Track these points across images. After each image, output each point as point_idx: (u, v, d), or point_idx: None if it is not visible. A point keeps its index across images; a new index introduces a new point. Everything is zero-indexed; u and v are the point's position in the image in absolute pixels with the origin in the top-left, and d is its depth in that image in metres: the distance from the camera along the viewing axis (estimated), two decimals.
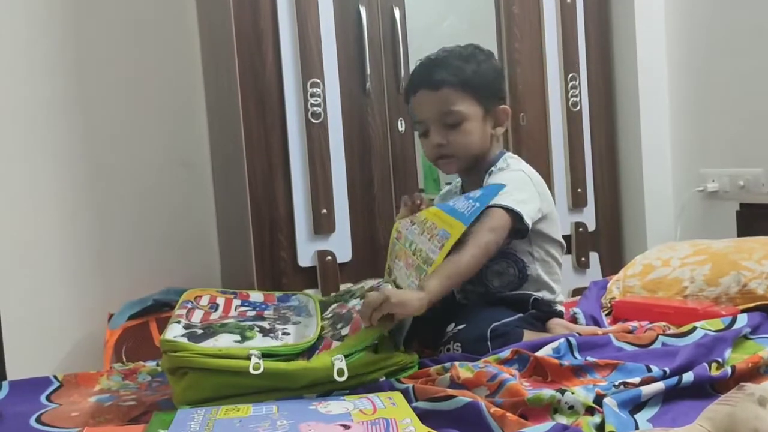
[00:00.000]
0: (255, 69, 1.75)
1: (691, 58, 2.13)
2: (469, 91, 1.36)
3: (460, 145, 1.37)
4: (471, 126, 1.37)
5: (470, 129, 1.37)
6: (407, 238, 1.32)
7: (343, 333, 1.14)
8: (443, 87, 1.35)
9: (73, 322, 2.02)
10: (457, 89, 1.35)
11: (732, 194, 2.02)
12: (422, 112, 1.38)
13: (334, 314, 1.25)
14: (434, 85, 1.36)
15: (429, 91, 1.36)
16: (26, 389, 1.21)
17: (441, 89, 1.35)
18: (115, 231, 2.09)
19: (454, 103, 1.35)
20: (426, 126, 1.38)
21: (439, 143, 1.37)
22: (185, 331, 1.11)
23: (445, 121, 1.36)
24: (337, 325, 1.18)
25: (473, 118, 1.37)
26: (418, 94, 1.38)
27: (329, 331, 1.17)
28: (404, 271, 1.27)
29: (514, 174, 1.37)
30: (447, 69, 1.36)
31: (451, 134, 1.36)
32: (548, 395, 0.96)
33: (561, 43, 2.08)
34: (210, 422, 0.93)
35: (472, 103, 1.36)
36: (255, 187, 1.76)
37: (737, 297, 1.41)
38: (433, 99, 1.36)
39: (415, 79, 1.41)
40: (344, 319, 1.20)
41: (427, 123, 1.38)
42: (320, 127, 1.80)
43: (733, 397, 0.79)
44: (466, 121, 1.36)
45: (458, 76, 1.36)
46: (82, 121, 2.05)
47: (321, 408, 0.98)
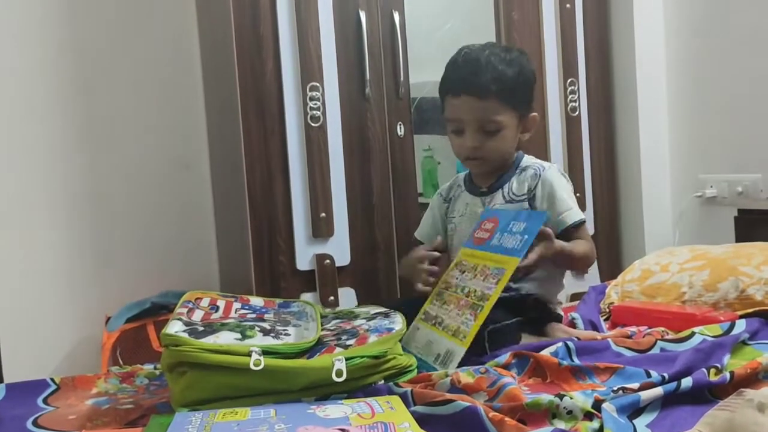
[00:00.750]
0: (255, 72, 1.75)
1: (690, 63, 2.14)
2: (511, 101, 1.39)
3: (493, 150, 1.41)
4: (506, 134, 1.41)
5: (505, 136, 1.41)
6: (458, 285, 1.33)
7: (348, 343, 1.14)
8: (489, 97, 1.37)
9: (71, 325, 2.02)
10: (501, 100, 1.38)
11: (730, 200, 2.03)
12: (462, 114, 1.40)
13: (338, 327, 1.25)
14: (481, 94, 1.37)
15: (474, 98, 1.37)
16: (23, 392, 1.21)
17: (487, 99, 1.37)
18: (113, 233, 2.08)
19: (496, 113, 1.39)
20: (461, 126, 1.41)
21: (474, 146, 1.40)
22: (186, 327, 1.11)
23: (484, 128, 1.39)
24: (342, 336, 1.18)
25: (509, 127, 1.41)
26: (462, 97, 1.39)
27: (333, 340, 1.17)
28: (455, 312, 1.27)
29: (555, 177, 1.41)
30: (494, 75, 1.37)
31: (487, 140, 1.40)
32: (547, 400, 0.96)
33: (560, 48, 2.08)
34: (207, 426, 0.93)
35: (511, 113, 1.40)
36: (254, 191, 1.76)
37: (736, 302, 1.42)
38: (477, 106, 1.38)
39: (459, 80, 1.40)
40: (349, 333, 1.20)
41: (463, 124, 1.41)
42: (319, 131, 1.80)
43: (733, 402, 0.79)
44: (503, 129, 1.40)
45: (503, 85, 1.37)
46: (80, 124, 2.04)
47: (319, 412, 0.98)
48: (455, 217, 1.51)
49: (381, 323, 1.23)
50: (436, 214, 1.58)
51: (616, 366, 1.11)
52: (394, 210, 1.89)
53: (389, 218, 1.88)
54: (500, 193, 1.45)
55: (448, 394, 1.01)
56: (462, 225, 1.49)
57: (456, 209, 1.52)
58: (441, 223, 1.56)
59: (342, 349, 1.10)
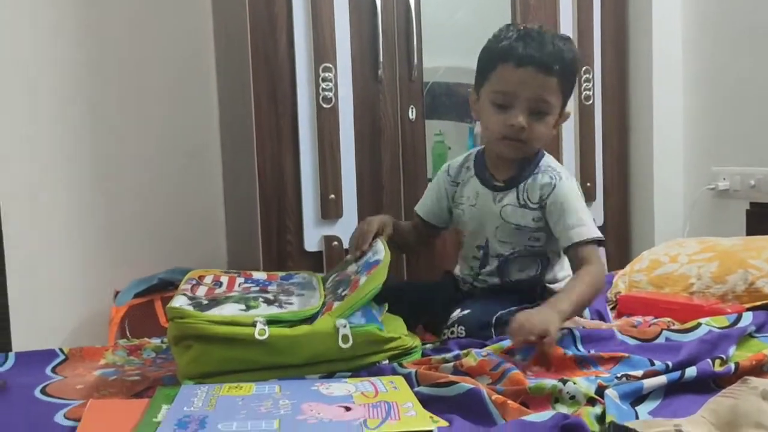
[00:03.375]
0: (267, 52, 1.75)
1: (706, 55, 2.12)
2: (564, 86, 1.33)
3: (537, 134, 1.32)
4: (551, 119, 1.33)
5: (550, 122, 1.33)
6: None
7: (343, 294, 1.15)
8: (554, 75, 1.29)
9: (80, 299, 2.04)
10: (560, 83, 1.31)
11: (743, 193, 2.01)
12: (518, 87, 1.29)
13: (334, 282, 1.26)
14: (548, 70, 1.28)
15: (539, 72, 1.28)
16: (32, 361, 1.23)
17: (552, 77, 1.29)
18: (124, 211, 2.10)
19: (553, 93, 1.30)
20: (511, 101, 1.30)
21: (521, 126, 1.29)
22: (190, 301, 1.12)
23: (535, 107, 1.30)
24: (338, 289, 1.19)
25: (554, 113, 1.34)
26: (525, 68, 1.28)
27: (331, 297, 1.18)
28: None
29: (570, 189, 1.33)
30: (557, 53, 1.29)
31: (533, 121, 1.31)
32: (550, 385, 0.97)
33: (576, 36, 2.06)
34: (213, 399, 0.94)
35: (560, 98, 1.33)
36: (264, 171, 1.76)
37: (744, 295, 1.41)
38: (538, 82, 1.28)
39: (525, 51, 1.28)
40: (343, 283, 1.21)
41: (514, 99, 1.29)
42: (331, 113, 1.79)
43: (737, 390, 0.79)
44: (550, 114, 1.33)
45: (564, 66, 1.30)
46: (93, 101, 2.05)
47: (323, 389, 0.98)
48: (464, 205, 1.42)
49: (366, 259, 1.25)
50: (442, 192, 1.47)
51: (620, 355, 1.11)
52: (403, 194, 1.89)
53: (398, 202, 1.88)
54: (515, 193, 1.35)
55: (452, 376, 1.02)
56: (472, 216, 1.40)
57: (465, 195, 1.42)
58: (446, 203, 1.47)
59: (339, 302, 1.11)
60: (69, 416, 0.96)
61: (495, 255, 1.38)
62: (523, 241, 1.36)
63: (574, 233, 1.29)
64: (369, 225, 1.37)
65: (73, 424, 0.92)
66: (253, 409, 0.91)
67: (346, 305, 1.10)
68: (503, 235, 1.36)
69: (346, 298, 1.12)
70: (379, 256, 1.23)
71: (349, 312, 1.09)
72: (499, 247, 1.37)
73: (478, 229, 1.40)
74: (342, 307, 1.10)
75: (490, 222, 1.38)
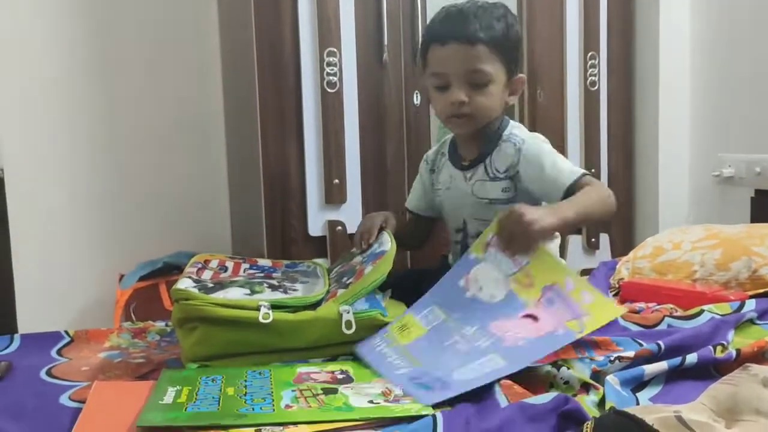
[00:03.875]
0: (272, 36, 1.74)
1: (714, 41, 2.10)
2: (500, 54, 1.30)
3: (481, 106, 1.31)
4: (495, 89, 1.31)
5: (493, 92, 1.31)
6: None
7: (348, 282, 1.16)
8: (478, 44, 1.27)
9: (85, 282, 2.05)
10: (490, 49, 1.28)
11: (748, 180, 2.00)
12: (448, 65, 1.29)
13: (339, 273, 1.27)
14: (469, 40, 1.27)
15: (462, 45, 1.27)
16: (37, 343, 1.24)
17: (476, 45, 1.27)
18: (128, 194, 2.10)
19: (485, 62, 1.28)
20: (447, 80, 1.30)
21: (461, 100, 1.29)
22: (196, 284, 1.13)
23: (471, 80, 1.29)
24: (342, 278, 1.20)
25: (498, 82, 1.31)
26: (448, 46, 1.28)
27: (336, 286, 1.19)
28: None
29: (537, 147, 1.31)
30: (482, 24, 1.28)
31: (475, 94, 1.29)
32: (544, 370, 0.97)
33: (582, 20, 2.04)
34: (405, 352, 1.03)
35: (500, 66, 1.30)
36: (268, 155, 1.76)
37: (747, 282, 1.41)
38: (465, 54, 1.27)
39: (444, 28, 1.30)
40: (348, 273, 1.22)
41: (449, 77, 1.29)
42: (335, 97, 1.79)
43: (737, 377, 0.79)
44: (491, 83, 1.30)
45: (493, 35, 1.28)
46: (97, 85, 2.05)
47: (482, 295, 1.08)
48: (441, 190, 1.44)
49: (372, 250, 1.25)
50: (425, 182, 1.50)
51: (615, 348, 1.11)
52: (408, 178, 1.89)
53: (402, 187, 1.88)
54: (482, 167, 1.36)
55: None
56: (448, 200, 1.42)
57: (441, 180, 1.44)
58: (429, 193, 1.48)
59: (343, 290, 1.12)
60: (74, 398, 0.97)
61: (474, 235, 1.37)
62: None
63: (560, 182, 1.26)
64: (373, 219, 1.37)
65: (78, 406, 0.93)
66: (456, 350, 0.99)
67: (351, 292, 1.11)
68: (477, 212, 1.37)
69: (351, 286, 1.13)
70: (385, 247, 1.23)
71: (353, 299, 1.10)
72: (477, 225, 1.38)
73: (455, 212, 1.41)
74: (346, 294, 1.10)
75: (465, 202, 1.38)
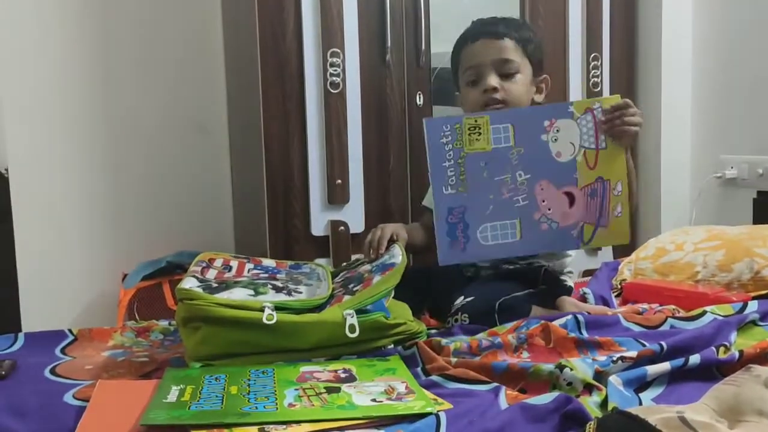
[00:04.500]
0: (275, 36, 1.74)
1: (715, 43, 2.10)
2: (525, 50, 1.43)
3: (513, 93, 1.42)
4: (523, 79, 1.43)
5: (523, 81, 1.43)
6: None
7: (355, 289, 1.15)
8: (505, 38, 1.42)
9: (88, 281, 2.05)
10: (517, 44, 1.43)
11: (750, 182, 2.01)
12: (479, 56, 1.42)
13: (345, 278, 1.27)
14: (497, 35, 1.42)
15: (491, 39, 1.42)
16: (41, 341, 1.24)
17: (504, 39, 1.42)
18: (131, 192, 2.11)
19: (512, 53, 1.42)
20: (479, 72, 1.42)
21: (494, 86, 1.40)
22: (200, 284, 1.13)
23: (501, 69, 1.41)
24: (349, 285, 1.20)
25: (526, 74, 1.44)
26: (478, 42, 1.43)
27: (341, 291, 1.19)
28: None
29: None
30: (509, 25, 1.45)
31: (506, 82, 1.41)
32: (547, 371, 0.97)
33: (585, 22, 2.05)
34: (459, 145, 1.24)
35: (526, 61, 1.44)
36: (271, 154, 1.77)
37: (749, 284, 1.41)
38: (494, 46, 1.42)
39: (475, 28, 1.47)
40: (355, 279, 1.22)
41: (481, 69, 1.42)
42: (338, 97, 1.79)
43: (740, 377, 0.80)
44: (520, 73, 1.42)
45: (519, 34, 1.44)
46: (102, 83, 2.06)
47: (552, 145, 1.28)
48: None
49: (382, 261, 1.25)
50: None
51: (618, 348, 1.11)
52: (410, 179, 1.89)
53: (405, 187, 1.89)
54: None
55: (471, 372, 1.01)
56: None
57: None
58: None
59: (350, 296, 1.12)
60: (78, 396, 0.98)
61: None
62: None
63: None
64: (383, 230, 1.37)
65: (82, 404, 0.94)
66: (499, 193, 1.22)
67: (356, 300, 1.10)
68: None
69: (357, 294, 1.12)
70: (396, 259, 1.23)
71: (358, 307, 1.09)
72: None
73: None
74: (351, 301, 1.10)
75: None
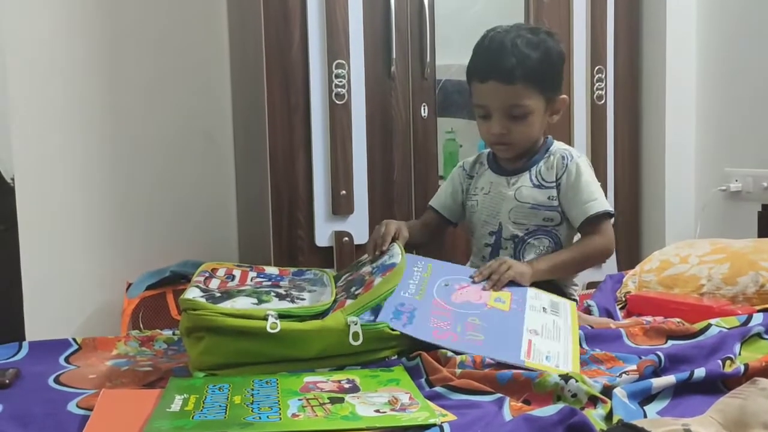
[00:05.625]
0: (281, 47, 1.76)
1: (720, 56, 2.11)
2: (537, 86, 1.38)
3: (521, 135, 1.40)
4: (534, 119, 1.40)
5: (533, 122, 1.40)
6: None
7: (357, 293, 1.16)
8: (516, 82, 1.36)
9: (92, 290, 2.06)
10: (527, 84, 1.36)
11: (755, 195, 2.00)
12: (489, 100, 1.39)
13: (347, 282, 1.27)
14: (507, 79, 1.36)
15: (501, 84, 1.36)
16: (45, 350, 1.24)
17: (514, 84, 1.36)
18: (136, 202, 2.11)
19: (523, 98, 1.37)
20: (488, 112, 1.40)
21: (501, 132, 1.39)
22: (203, 293, 1.13)
23: (511, 112, 1.38)
24: (351, 288, 1.20)
25: (537, 112, 1.40)
26: (489, 83, 1.37)
27: (343, 295, 1.19)
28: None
29: (583, 166, 1.41)
30: (519, 59, 1.35)
31: (514, 125, 1.39)
32: (552, 382, 0.97)
33: (589, 35, 2.06)
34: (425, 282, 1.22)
35: (539, 97, 1.39)
36: (276, 165, 1.77)
37: (754, 297, 1.41)
38: (503, 92, 1.37)
39: (484, 66, 1.39)
40: (356, 282, 1.22)
41: (490, 109, 1.40)
42: (343, 109, 1.80)
43: (745, 390, 0.79)
44: (530, 114, 1.39)
45: (530, 69, 1.36)
46: (107, 93, 2.07)
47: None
48: (477, 195, 1.49)
49: (382, 261, 1.25)
50: (457, 186, 1.54)
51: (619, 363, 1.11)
52: (414, 191, 1.90)
53: (409, 198, 1.89)
54: (528, 175, 1.43)
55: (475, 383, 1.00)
56: (485, 204, 1.47)
57: (479, 186, 1.49)
58: (460, 197, 1.54)
59: (352, 300, 1.12)
60: (81, 405, 0.98)
61: (509, 237, 1.42)
62: (537, 220, 1.41)
63: (586, 208, 1.38)
64: (387, 227, 1.38)
65: (85, 413, 0.94)
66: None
67: (359, 303, 1.11)
68: (517, 216, 1.42)
69: (359, 297, 1.13)
70: (395, 259, 1.24)
71: (361, 311, 1.10)
72: (512, 228, 1.42)
73: (491, 215, 1.46)
74: (354, 305, 1.10)
75: (504, 205, 1.44)
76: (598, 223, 1.39)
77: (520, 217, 1.42)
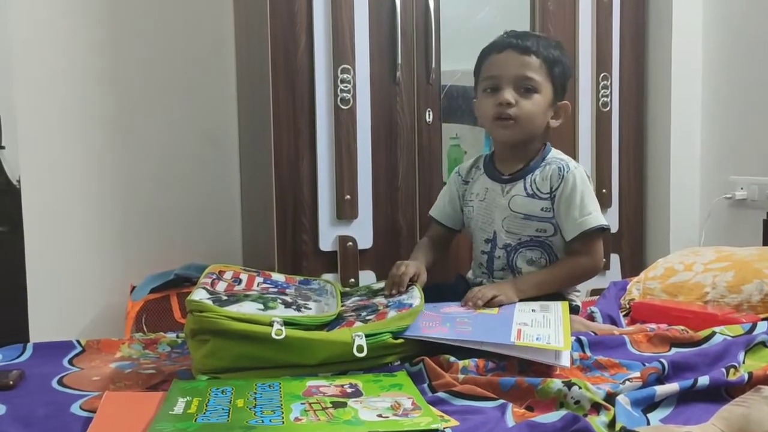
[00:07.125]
0: (287, 51, 1.76)
1: (726, 64, 2.11)
2: (550, 72, 1.41)
3: (527, 110, 1.39)
4: (541, 100, 1.40)
5: (540, 102, 1.40)
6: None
7: (368, 318, 1.15)
8: (533, 54, 1.39)
9: (96, 293, 2.06)
10: (542, 63, 1.40)
11: (760, 203, 2.00)
12: (501, 68, 1.40)
13: (357, 304, 1.27)
14: (525, 50, 1.39)
15: (518, 53, 1.39)
16: (49, 352, 1.24)
17: (530, 55, 1.39)
18: (140, 206, 2.12)
19: (536, 71, 1.39)
20: (498, 83, 1.40)
21: (508, 101, 1.38)
22: (210, 296, 1.13)
23: (521, 85, 1.39)
24: (362, 312, 1.20)
25: (544, 95, 1.41)
26: (504, 52, 1.40)
27: (352, 315, 1.19)
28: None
29: (579, 178, 1.39)
30: (539, 42, 1.42)
31: (522, 99, 1.39)
32: (555, 389, 0.97)
33: (595, 42, 2.06)
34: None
35: (548, 83, 1.41)
36: (281, 169, 1.78)
37: (759, 305, 1.40)
38: (519, 60, 1.39)
39: (504, 39, 1.43)
40: (369, 308, 1.22)
41: (500, 80, 1.40)
42: (348, 114, 1.81)
43: (749, 398, 0.79)
44: (538, 92, 1.40)
45: (547, 53, 1.41)
46: (112, 96, 2.08)
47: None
48: (473, 201, 1.48)
49: (400, 299, 1.25)
50: (454, 193, 1.54)
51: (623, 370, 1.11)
52: (419, 196, 1.90)
53: (413, 204, 1.89)
54: (522, 184, 1.41)
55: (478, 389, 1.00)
56: (480, 211, 1.46)
57: (474, 192, 1.48)
58: (458, 203, 1.53)
59: (362, 323, 1.12)
60: (85, 407, 0.98)
61: (502, 246, 1.42)
62: (530, 231, 1.40)
63: (579, 224, 1.37)
64: (408, 268, 1.37)
65: (89, 415, 0.94)
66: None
67: (368, 328, 1.10)
68: (510, 225, 1.41)
69: (370, 323, 1.12)
70: (413, 301, 1.22)
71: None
72: (505, 237, 1.42)
73: (486, 223, 1.45)
74: (363, 329, 1.10)
75: (498, 213, 1.42)
76: (589, 241, 1.37)
77: (513, 227, 1.41)
